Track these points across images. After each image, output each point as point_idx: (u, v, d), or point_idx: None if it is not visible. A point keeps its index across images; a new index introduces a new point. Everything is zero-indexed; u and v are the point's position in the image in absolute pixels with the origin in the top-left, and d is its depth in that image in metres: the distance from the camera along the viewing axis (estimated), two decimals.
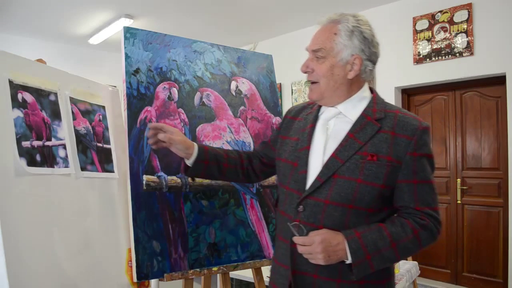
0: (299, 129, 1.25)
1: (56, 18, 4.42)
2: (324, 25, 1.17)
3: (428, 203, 1.09)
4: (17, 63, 1.19)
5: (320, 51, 1.14)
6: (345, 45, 1.13)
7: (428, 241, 1.09)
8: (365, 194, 1.07)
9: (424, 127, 1.10)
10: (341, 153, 1.10)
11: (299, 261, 1.11)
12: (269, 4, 3.99)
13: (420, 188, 1.09)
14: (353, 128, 1.13)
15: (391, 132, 1.10)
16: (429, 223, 1.08)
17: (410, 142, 1.08)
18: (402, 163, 1.08)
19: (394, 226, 1.07)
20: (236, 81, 1.76)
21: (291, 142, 1.24)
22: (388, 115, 1.13)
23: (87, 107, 1.44)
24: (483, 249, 3.68)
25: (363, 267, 1.04)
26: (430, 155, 1.11)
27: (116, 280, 1.40)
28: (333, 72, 1.14)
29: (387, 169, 1.07)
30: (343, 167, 1.09)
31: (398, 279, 2.32)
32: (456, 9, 3.62)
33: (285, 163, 1.22)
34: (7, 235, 1.00)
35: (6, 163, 1.06)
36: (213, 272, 1.56)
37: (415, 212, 1.09)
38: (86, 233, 1.32)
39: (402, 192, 1.09)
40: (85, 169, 1.35)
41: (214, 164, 1.33)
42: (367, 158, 1.08)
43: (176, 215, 1.51)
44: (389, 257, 1.06)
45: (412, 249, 1.08)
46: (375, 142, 1.10)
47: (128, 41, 1.52)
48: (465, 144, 3.81)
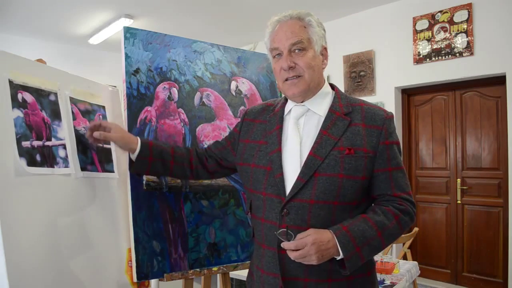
0: (264, 131, 1.23)
1: (56, 18, 4.42)
2: (287, 22, 1.15)
3: (403, 188, 1.13)
4: (17, 63, 1.19)
5: (300, 43, 1.13)
6: (319, 35, 1.16)
7: (408, 225, 1.13)
8: (348, 189, 1.08)
9: (390, 116, 1.16)
10: (318, 151, 1.10)
11: (288, 267, 1.10)
12: (269, 4, 3.99)
13: (395, 174, 1.13)
14: (325, 125, 1.14)
15: (361, 124, 1.13)
16: (407, 207, 1.12)
17: (380, 131, 1.12)
18: (376, 152, 1.11)
19: (377, 215, 1.09)
20: (236, 81, 1.76)
21: (259, 146, 1.21)
22: (355, 109, 1.16)
23: (87, 107, 1.44)
24: (483, 249, 3.68)
25: (354, 260, 1.05)
26: (398, 142, 1.16)
27: (116, 280, 1.40)
28: (315, 63, 1.15)
29: (365, 161, 1.10)
30: (323, 164, 1.09)
31: (398, 279, 2.33)
32: (456, 9, 3.62)
33: (256, 168, 1.18)
34: (7, 235, 1.00)
35: (6, 163, 1.06)
36: (213, 272, 1.56)
37: (393, 198, 1.12)
38: (86, 233, 1.32)
39: (379, 180, 1.12)
40: (85, 169, 1.35)
41: (158, 160, 1.31)
42: (345, 153, 1.09)
43: (176, 215, 1.51)
44: (376, 246, 1.08)
45: (395, 234, 1.11)
46: (349, 136, 1.12)
47: (128, 41, 1.52)
48: (465, 144, 3.81)
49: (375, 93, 4.17)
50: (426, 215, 4.07)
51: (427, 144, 4.07)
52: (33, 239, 1.10)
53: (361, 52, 4.24)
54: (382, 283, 2.22)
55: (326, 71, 4.97)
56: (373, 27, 4.18)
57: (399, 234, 1.13)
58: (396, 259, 2.75)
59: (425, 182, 4.10)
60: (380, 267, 2.39)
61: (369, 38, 4.20)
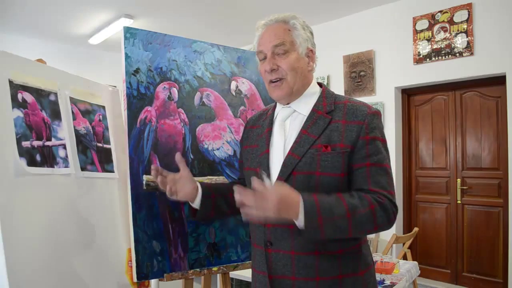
0: (257, 136, 1.27)
1: (56, 18, 4.42)
2: (272, 25, 1.19)
3: (382, 185, 1.07)
4: (17, 63, 1.20)
5: (282, 45, 1.15)
6: (303, 38, 1.17)
7: (383, 221, 1.05)
8: (327, 186, 1.07)
9: (374, 112, 1.12)
10: (296, 150, 1.11)
11: (275, 266, 1.11)
12: (269, 4, 3.99)
13: (373, 170, 1.08)
14: (306, 124, 1.14)
15: (342, 121, 1.12)
16: (386, 202, 1.05)
17: (361, 126, 1.09)
18: (354, 148, 1.09)
19: (352, 198, 1.04)
20: (236, 81, 1.76)
21: (252, 150, 1.26)
22: (338, 106, 1.15)
23: (87, 107, 1.44)
24: (483, 249, 3.68)
25: (313, 231, 1.00)
26: (383, 139, 1.12)
27: (116, 280, 1.40)
28: (298, 65, 1.16)
29: (342, 157, 1.08)
30: (300, 163, 1.09)
31: (398, 279, 2.33)
32: (456, 9, 3.62)
33: (249, 171, 1.24)
34: (7, 235, 1.00)
35: (6, 163, 1.06)
36: (213, 272, 1.56)
37: (370, 193, 1.06)
38: (86, 233, 1.32)
39: (356, 175, 1.09)
40: (85, 169, 1.35)
41: (220, 196, 1.31)
42: (322, 150, 1.09)
43: (176, 215, 1.51)
44: (341, 227, 1.01)
45: (366, 224, 1.04)
46: (327, 133, 1.11)
47: (128, 41, 1.52)
48: (465, 144, 3.81)
49: (375, 93, 4.17)
50: (426, 215, 4.07)
51: (427, 144, 4.07)
52: (33, 239, 1.10)
53: (361, 52, 4.23)
54: (382, 283, 2.22)
55: (326, 71, 4.92)
56: (373, 27, 4.18)
57: (371, 226, 1.05)
58: (396, 259, 2.75)
59: (425, 182, 4.10)
60: (380, 267, 2.39)
61: (369, 38, 4.20)
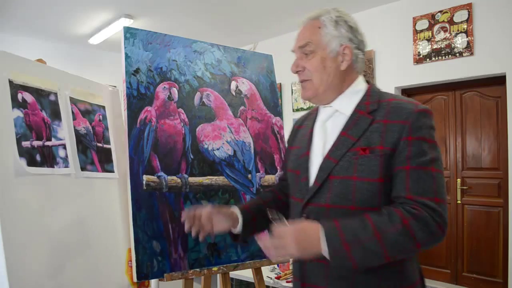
0: (302, 136, 1.22)
1: (56, 18, 4.42)
2: (305, 24, 1.15)
3: (424, 192, 0.94)
4: (17, 63, 1.20)
5: (307, 46, 1.10)
6: (333, 36, 1.09)
7: (425, 236, 0.92)
8: (364, 192, 0.99)
9: (421, 110, 1.01)
10: (334, 153, 1.05)
11: (310, 274, 1.07)
12: (269, 4, 3.99)
13: (414, 174, 0.96)
14: (346, 125, 1.07)
15: (383, 120, 1.02)
16: (422, 212, 0.92)
17: (404, 126, 0.99)
18: (396, 149, 0.98)
19: (379, 215, 0.94)
20: (236, 81, 1.76)
21: (294, 151, 1.21)
22: (381, 105, 1.06)
23: (87, 107, 1.44)
24: (483, 249, 3.68)
25: (340, 258, 0.93)
26: (431, 140, 0.99)
27: (116, 280, 1.40)
28: (325, 66, 1.09)
29: (381, 160, 0.98)
30: (337, 167, 1.03)
31: None
32: (456, 9, 3.61)
33: (290, 173, 1.19)
34: (7, 235, 1.00)
35: (6, 163, 1.06)
36: (213, 272, 1.56)
37: (407, 201, 0.95)
38: (86, 233, 1.32)
39: (395, 181, 0.98)
40: (85, 169, 1.35)
41: (260, 216, 1.21)
42: (359, 153, 1.01)
43: (176, 215, 1.51)
44: (373, 250, 0.91)
45: (404, 244, 0.92)
46: (368, 135, 1.02)
47: (128, 41, 1.52)
48: (465, 144, 3.81)
49: None
50: None
51: None
52: (33, 239, 1.10)
53: None
54: None
55: None
56: (373, 27, 4.17)
57: (410, 243, 0.92)
58: None
59: None
60: None
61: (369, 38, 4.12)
